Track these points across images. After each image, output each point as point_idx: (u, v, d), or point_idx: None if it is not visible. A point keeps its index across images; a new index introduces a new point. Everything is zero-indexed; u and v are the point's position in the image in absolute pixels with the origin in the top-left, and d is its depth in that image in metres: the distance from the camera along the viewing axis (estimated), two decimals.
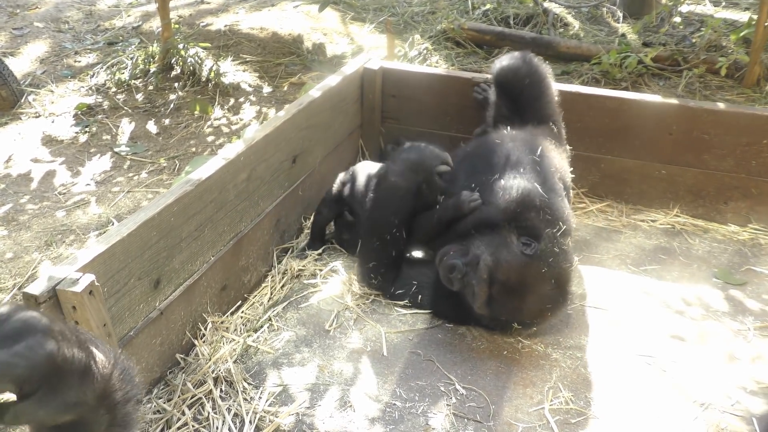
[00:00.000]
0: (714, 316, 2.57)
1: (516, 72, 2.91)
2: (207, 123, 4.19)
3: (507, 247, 2.32)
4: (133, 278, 1.97)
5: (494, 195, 2.45)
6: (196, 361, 2.26)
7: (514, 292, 2.30)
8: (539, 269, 2.28)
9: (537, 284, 2.30)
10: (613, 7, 5.69)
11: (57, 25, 5.80)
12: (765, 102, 4.22)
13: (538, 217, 2.39)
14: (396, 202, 2.55)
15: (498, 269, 2.27)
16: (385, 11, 5.96)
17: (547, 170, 2.58)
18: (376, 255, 2.60)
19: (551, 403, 2.14)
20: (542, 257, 2.29)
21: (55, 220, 3.26)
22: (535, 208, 2.40)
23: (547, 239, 2.33)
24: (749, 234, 3.07)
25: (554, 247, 2.32)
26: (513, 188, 2.43)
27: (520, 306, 2.32)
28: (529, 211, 2.39)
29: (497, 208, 2.42)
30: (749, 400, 2.18)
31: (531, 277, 2.29)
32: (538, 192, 2.43)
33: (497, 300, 2.30)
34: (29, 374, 0.84)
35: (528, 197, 2.42)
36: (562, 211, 2.48)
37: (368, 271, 2.63)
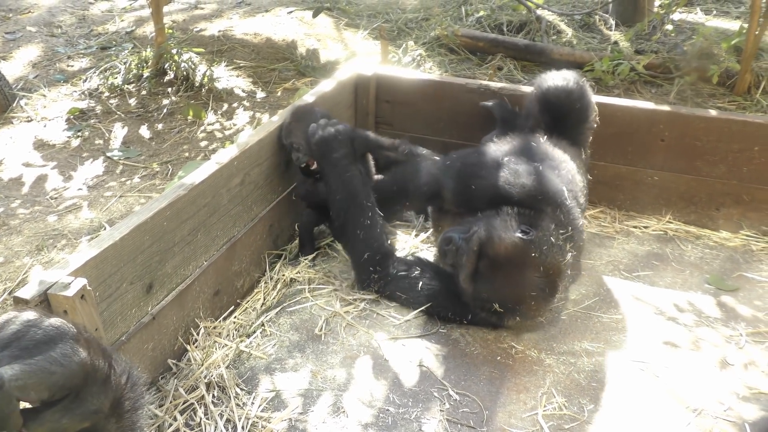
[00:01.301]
0: (706, 322, 2.57)
1: (569, 95, 2.88)
2: (200, 128, 4.18)
3: (505, 227, 2.34)
4: (125, 282, 1.96)
5: (522, 177, 2.49)
6: (189, 367, 2.25)
7: (500, 270, 2.32)
8: (529, 253, 2.29)
9: (524, 267, 2.30)
10: (606, 15, 5.72)
11: (50, 29, 5.79)
12: (756, 109, 4.25)
13: (552, 212, 2.42)
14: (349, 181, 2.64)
15: (489, 243, 2.30)
16: (379, 18, 5.97)
17: (576, 184, 2.63)
18: (365, 245, 2.61)
19: (545, 409, 2.14)
20: (536, 243, 2.30)
21: (46, 224, 3.24)
22: (555, 204, 2.44)
23: (547, 230, 2.34)
24: (741, 240, 3.09)
25: (551, 238, 2.33)
26: (545, 179, 2.49)
27: (504, 285, 2.34)
28: (547, 204, 2.43)
29: (522, 188, 2.45)
30: (741, 406, 2.18)
31: (520, 258, 2.30)
32: (564, 194, 2.48)
33: (483, 275, 2.33)
34: (64, 382, 0.82)
35: (555, 193, 2.46)
36: (576, 221, 2.51)
37: (364, 266, 2.62)
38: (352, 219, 2.63)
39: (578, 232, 2.51)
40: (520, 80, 4.78)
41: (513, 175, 2.50)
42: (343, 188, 2.63)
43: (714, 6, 6.19)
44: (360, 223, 2.61)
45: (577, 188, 2.64)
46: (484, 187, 2.54)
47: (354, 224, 2.62)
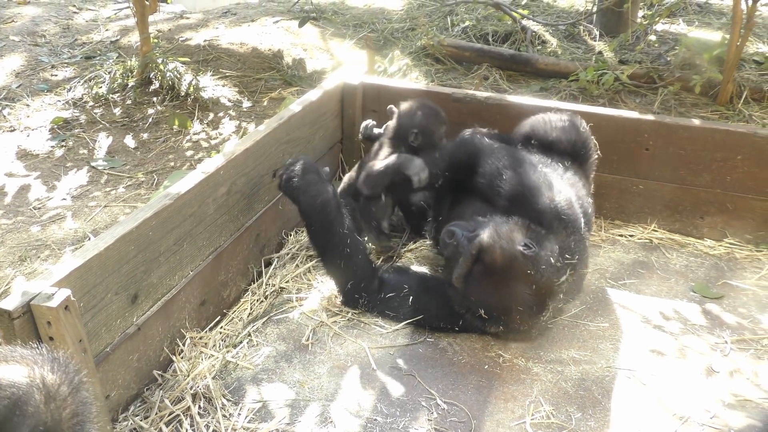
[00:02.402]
0: (692, 330, 2.59)
1: (573, 144, 2.85)
2: (186, 137, 4.16)
3: (510, 237, 2.33)
4: (110, 293, 1.94)
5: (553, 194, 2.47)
6: (174, 378, 2.23)
7: (492, 278, 2.32)
8: (525, 269, 2.29)
9: (517, 281, 2.31)
10: (590, 26, 5.77)
11: (33, 38, 5.75)
12: (738, 119, 4.30)
13: (564, 237, 2.42)
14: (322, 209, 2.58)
15: (488, 250, 2.30)
16: (365, 27, 5.99)
17: (589, 217, 2.67)
18: (347, 274, 2.59)
19: (532, 417, 2.14)
20: (535, 261, 2.30)
21: (29, 234, 3.21)
22: (570, 229, 2.44)
23: (550, 251, 2.34)
24: (725, 248, 3.11)
25: (551, 259, 2.33)
26: (570, 203, 2.49)
27: (492, 294, 2.34)
28: (563, 228, 2.43)
29: (548, 203, 2.43)
30: (727, 413, 2.19)
31: (515, 271, 2.30)
32: (581, 222, 2.50)
33: (475, 278, 2.33)
34: None
35: (574, 219, 2.47)
36: (584, 251, 2.54)
37: (350, 294, 2.61)
38: (330, 250, 2.57)
39: (583, 261, 2.53)
40: (505, 90, 4.80)
41: (546, 188, 2.47)
42: (317, 217, 2.55)
43: (696, 17, 6.27)
44: (339, 252, 2.55)
45: (590, 220, 2.67)
46: (513, 185, 2.50)
47: (333, 254, 2.57)
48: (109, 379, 1.99)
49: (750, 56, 5.07)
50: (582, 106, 3.35)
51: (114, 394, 2.02)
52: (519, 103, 3.24)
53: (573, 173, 2.74)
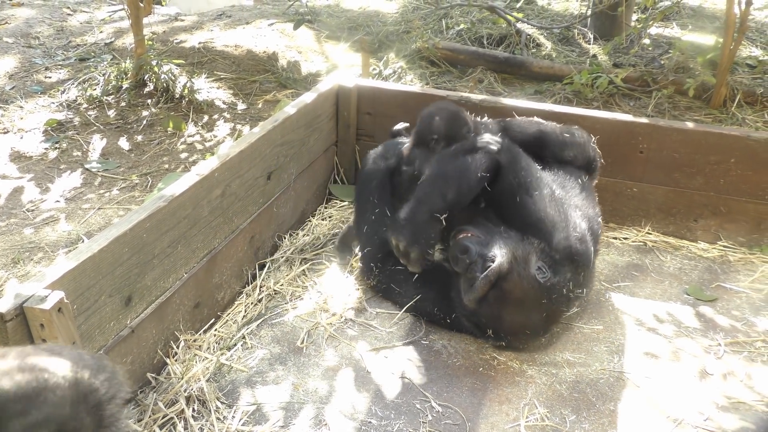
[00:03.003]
0: (686, 333, 2.60)
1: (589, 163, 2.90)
2: (180, 140, 4.15)
3: (526, 263, 2.32)
4: (103, 295, 1.93)
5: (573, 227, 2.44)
6: (168, 380, 2.22)
7: (506, 304, 2.32)
8: (540, 299, 2.31)
9: (530, 310, 2.34)
10: (584, 29, 5.80)
11: (27, 40, 5.73)
12: (732, 122, 4.32)
13: (575, 270, 2.41)
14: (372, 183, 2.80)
15: (506, 279, 2.29)
16: (360, 30, 5.99)
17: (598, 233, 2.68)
18: (367, 239, 2.73)
19: (527, 420, 2.14)
20: (549, 290, 2.32)
21: (22, 237, 3.19)
22: (583, 265, 2.43)
23: (564, 280, 2.35)
24: (718, 251, 3.12)
25: (564, 288, 2.35)
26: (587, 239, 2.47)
27: (504, 318, 2.35)
28: (576, 264, 2.41)
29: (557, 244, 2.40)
30: (721, 415, 2.20)
31: (529, 301, 2.32)
32: (592, 257, 2.50)
33: (488, 302, 2.32)
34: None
35: (587, 256, 2.46)
36: (591, 282, 2.56)
37: (366, 259, 2.73)
38: (359, 213, 2.85)
39: (589, 289, 2.55)
40: (500, 92, 4.81)
41: (565, 222, 2.43)
42: (358, 185, 2.93)
43: (689, 21, 6.30)
44: (366, 218, 2.75)
45: (598, 237, 2.68)
46: (533, 212, 2.45)
47: (360, 218, 2.82)
48: None
49: (743, 60, 5.10)
50: (576, 109, 3.36)
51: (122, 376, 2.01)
52: (514, 106, 3.25)
53: (588, 192, 2.76)
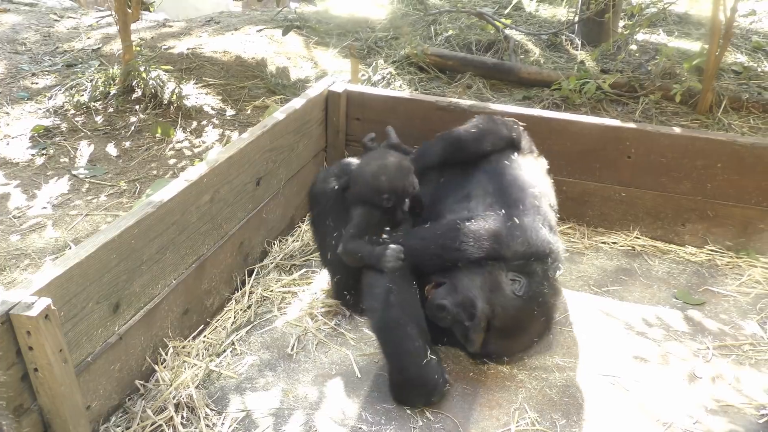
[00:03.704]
0: (674, 336, 2.61)
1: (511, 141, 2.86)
2: (169, 146, 4.14)
3: (499, 289, 2.28)
4: (91, 302, 1.91)
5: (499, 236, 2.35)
6: (157, 387, 2.20)
7: (508, 335, 2.33)
8: (532, 311, 2.32)
9: (531, 325, 2.36)
10: (572, 35, 5.83)
11: (13, 46, 5.69)
12: (718, 127, 4.35)
13: (542, 264, 2.37)
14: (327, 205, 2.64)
15: (494, 316, 2.26)
16: (349, 36, 6.00)
17: (544, 203, 2.61)
18: (336, 267, 2.61)
19: (517, 425, 2.14)
20: (534, 297, 2.31)
21: (8, 244, 3.16)
22: (544, 256, 2.38)
23: (537, 277, 2.34)
24: (706, 255, 3.14)
25: (544, 285, 2.34)
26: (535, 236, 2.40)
27: (514, 345, 2.39)
28: (538, 261, 2.37)
29: (512, 255, 2.34)
30: (710, 419, 2.21)
31: (526, 320, 2.33)
32: (551, 245, 2.42)
33: (492, 342, 2.31)
34: None
35: (543, 248, 2.39)
36: (556, 245, 2.47)
37: (337, 287, 2.64)
38: (320, 239, 2.71)
39: (557, 253, 2.48)
40: (489, 98, 4.83)
41: (497, 243, 2.34)
42: (311, 208, 2.74)
43: (676, 27, 6.35)
44: (327, 244, 2.61)
45: (546, 204, 2.63)
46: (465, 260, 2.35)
47: (322, 245, 2.69)
48: (90, 390, 1.96)
49: (729, 66, 5.15)
50: (565, 114, 3.38)
51: (95, 404, 2.00)
52: (502, 111, 3.26)
53: (522, 170, 2.70)
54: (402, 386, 2.21)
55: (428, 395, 2.17)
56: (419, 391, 2.18)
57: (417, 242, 2.42)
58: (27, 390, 1.73)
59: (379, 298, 2.29)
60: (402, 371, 2.19)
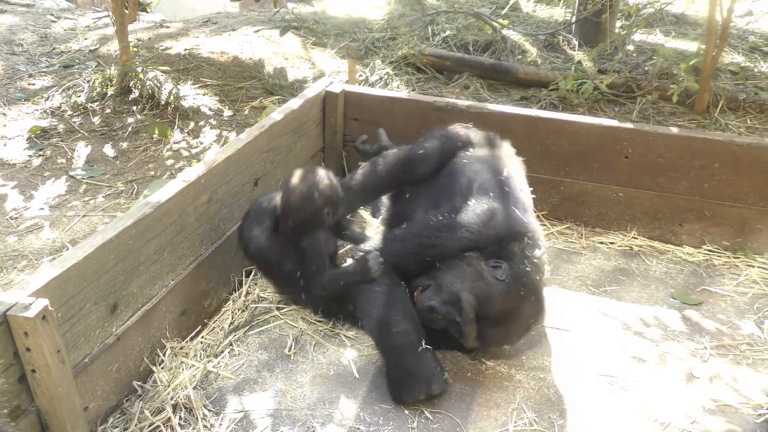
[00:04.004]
0: (672, 336, 2.61)
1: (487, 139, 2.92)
2: (166, 146, 4.13)
3: (482, 278, 2.30)
4: (89, 303, 1.91)
5: (470, 223, 2.40)
6: (155, 388, 2.20)
7: (500, 322, 2.32)
8: (518, 292, 2.30)
9: (519, 307, 2.33)
10: (569, 36, 5.83)
11: (10, 47, 5.68)
12: (715, 128, 4.36)
13: (520, 245, 2.38)
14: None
15: (481, 305, 2.27)
16: (346, 37, 6.00)
17: (513, 185, 2.60)
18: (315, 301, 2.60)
19: (515, 425, 2.14)
20: (517, 278, 2.30)
21: (6, 245, 3.16)
22: (521, 236, 2.39)
23: (517, 258, 2.33)
24: (703, 255, 3.15)
25: (525, 264, 2.33)
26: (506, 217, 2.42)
27: (508, 331, 2.36)
28: (513, 241, 2.38)
29: (486, 239, 2.37)
30: (707, 418, 2.21)
31: (513, 303, 2.31)
32: (526, 225, 2.43)
33: (486, 332, 2.31)
34: None
35: (518, 228, 2.40)
36: (541, 238, 2.49)
37: (324, 314, 2.63)
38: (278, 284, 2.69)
39: (534, 231, 2.48)
40: (486, 98, 4.83)
41: (469, 231, 2.39)
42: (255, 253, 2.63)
43: (673, 28, 6.36)
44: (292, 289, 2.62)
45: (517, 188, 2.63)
46: (443, 255, 2.39)
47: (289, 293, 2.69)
48: (88, 391, 1.96)
49: (726, 66, 5.15)
50: (562, 114, 3.38)
51: (93, 405, 1.99)
52: (500, 112, 3.27)
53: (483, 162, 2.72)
54: (401, 379, 2.22)
55: (428, 383, 2.18)
56: (418, 380, 2.19)
57: (395, 245, 2.48)
58: (25, 391, 1.73)
59: (370, 302, 2.36)
60: (399, 364, 2.23)
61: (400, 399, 2.21)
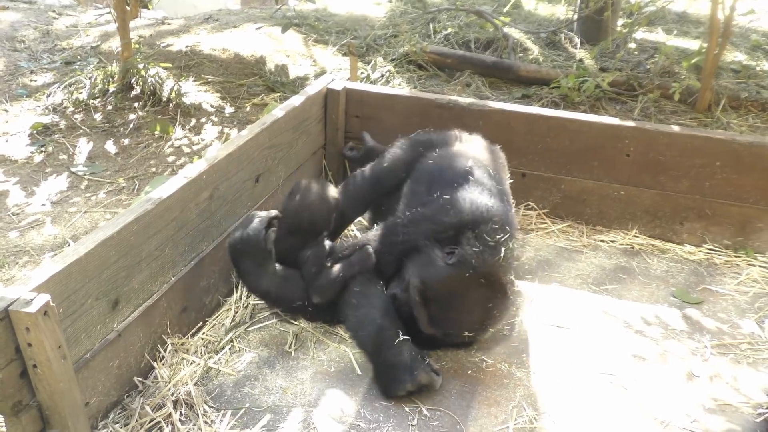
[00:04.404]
0: (673, 335, 2.61)
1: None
2: (167, 143, 4.13)
3: (432, 263, 2.31)
4: (90, 299, 1.91)
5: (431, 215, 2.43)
6: (155, 384, 2.20)
7: (449, 305, 2.29)
8: (463, 275, 2.24)
9: (467, 290, 2.27)
10: (571, 33, 5.83)
11: (12, 44, 5.69)
12: (716, 126, 4.35)
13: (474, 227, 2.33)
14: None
15: (426, 287, 2.28)
16: (348, 34, 6.00)
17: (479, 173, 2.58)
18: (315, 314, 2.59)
19: (515, 422, 2.14)
20: (464, 261, 2.24)
21: (7, 241, 3.16)
22: (475, 221, 2.34)
23: (470, 242, 2.28)
24: (704, 254, 3.15)
25: (475, 246, 2.26)
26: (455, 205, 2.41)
27: (461, 316, 2.30)
28: (466, 227, 2.34)
29: (437, 226, 2.39)
30: (708, 417, 2.21)
31: (457, 284, 2.26)
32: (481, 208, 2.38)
33: (438, 317, 2.29)
34: None
35: (470, 215, 2.36)
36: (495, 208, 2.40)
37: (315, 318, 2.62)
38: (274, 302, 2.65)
39: (513, 226, 2.43)
40: (488, 96, 4.83)
41: (431, 222, 2.41)
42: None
43: (674, 26, 6.35)
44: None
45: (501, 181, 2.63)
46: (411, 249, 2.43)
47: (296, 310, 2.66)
48: (89, 386, 1.96)
49: (727, 65, 5.15)
50: (563, 112, 3.38)
51: (93, 401, 2.00)
52: (501, 110, 3.27)
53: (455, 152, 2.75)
54: (384, 373, 2.24)
55: (411, 370, 2.18)
56: (400, 369, 2.19)
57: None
58: (26, 386, 1.73)
59: (348, 304, 2.41)
60: (379, 359, 2.25)
61: (390, 393, 2.22)
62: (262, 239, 2.43)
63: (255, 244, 2.43)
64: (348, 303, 2.41)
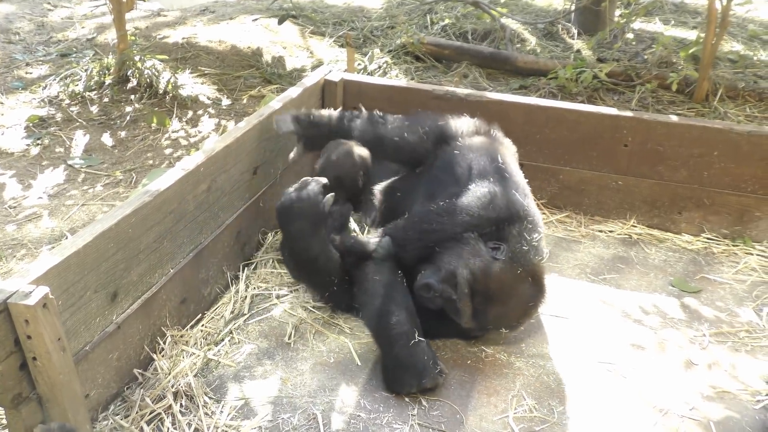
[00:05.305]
0: (671, 324, 2.62)
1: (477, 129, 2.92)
2: (164, 135, 4.12)
3: (479, 255, 2.31)
4: (89, 291, 1.91)
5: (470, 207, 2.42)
6: (155, 376, 2.21)
7: (496, 300, 2.31)
8: (515, 271, 2.29)
9: (516, 287, 2.32)
10: (568, 24, 5.82)
11: (7, 36, 5.66)
12: (714, 116, 4.35)
13: (519, 225, 2.38)
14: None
15: (476, 281, 2.27)
16: (345, 25, 5.98)
17: (510, 170, 2.60)
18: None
19: (515, 411, 2.15)
20: (515, 258, 2.30)
21: (4, 234, 3.15)
22: (518, 218, 2.39)
23: (515, 239, 2.34)
24: (702, 243, 3.15)
25: (523, 244, 2.33)
26: (502, 200, 2.42)
27: (505, 311, 2.34)
28: (511, 224, 2.38)
29: (485, 221, 2.39)
30: (706, 405, 2.22)
31: (509, 281, 2.30)
32: (523, 207, 2.43)
33: (481, 311, 2.30)
34: None
35: (515, 210, 2.41)
36: (529, 208, 2.48)
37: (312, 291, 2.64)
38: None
39: (532, 215, 2.48)
40: (485, 87, 4.82)
41: (468, 215, 2.41)
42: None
43: (672, 16, 6.34)
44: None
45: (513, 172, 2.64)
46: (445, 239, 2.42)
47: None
48: (89, 378, 1.96)
49: (725, 55, 5.14)
50: (561, 103, 3.37)
51: (93, 393, 2.00)
52: (499, 100, 3.26)
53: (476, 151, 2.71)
54: (393, 370, 2.23)
55: (419, 376, 2.18)
56: (409, 373, 2.19)
57: (397, 232, 2.52)
58: (26, 379, 1.73)
59: (368, 292, 2.39)
60: (391, 355, 2.24)
61: (392, 390, 2.23)
62: (321, 202, 2.42)
63: (313, 206, 2.41)
64: (366, 291, 2.40)
